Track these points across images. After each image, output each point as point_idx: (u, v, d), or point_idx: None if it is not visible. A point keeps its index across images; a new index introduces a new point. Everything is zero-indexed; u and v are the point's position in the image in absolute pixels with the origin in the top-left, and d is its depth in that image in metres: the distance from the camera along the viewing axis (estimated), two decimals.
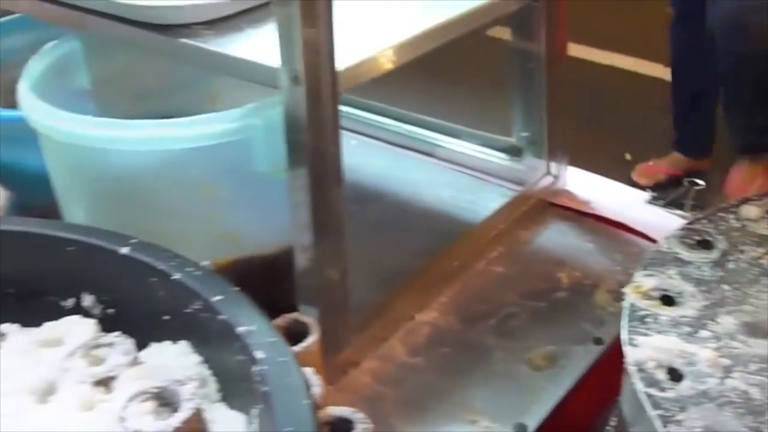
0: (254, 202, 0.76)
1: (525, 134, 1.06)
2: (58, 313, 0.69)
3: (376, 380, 0.83)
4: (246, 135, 0.71)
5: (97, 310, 0.69)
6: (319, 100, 0.69)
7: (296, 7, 0.65)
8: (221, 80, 0.93)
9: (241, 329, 0.59)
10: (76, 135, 0.71)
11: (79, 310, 0.69)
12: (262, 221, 0.77)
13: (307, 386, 0.55)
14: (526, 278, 0.95)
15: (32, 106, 0.76)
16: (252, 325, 0.59)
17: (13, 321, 0.70)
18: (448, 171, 1.14)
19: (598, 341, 0.87)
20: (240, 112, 0.71)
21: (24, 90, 0.78)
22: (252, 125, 0.71)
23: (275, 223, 0.77)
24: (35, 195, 1.03)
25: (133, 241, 0.67)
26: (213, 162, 0.73)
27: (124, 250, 0.66)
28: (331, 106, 0.70)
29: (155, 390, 0.58)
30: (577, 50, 2.36)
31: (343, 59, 0.70)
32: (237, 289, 0.63)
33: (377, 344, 0.86)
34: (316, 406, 0.55)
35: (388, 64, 0.75)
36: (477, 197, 1.08)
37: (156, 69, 0.92)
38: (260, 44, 0.75)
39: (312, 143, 0.70)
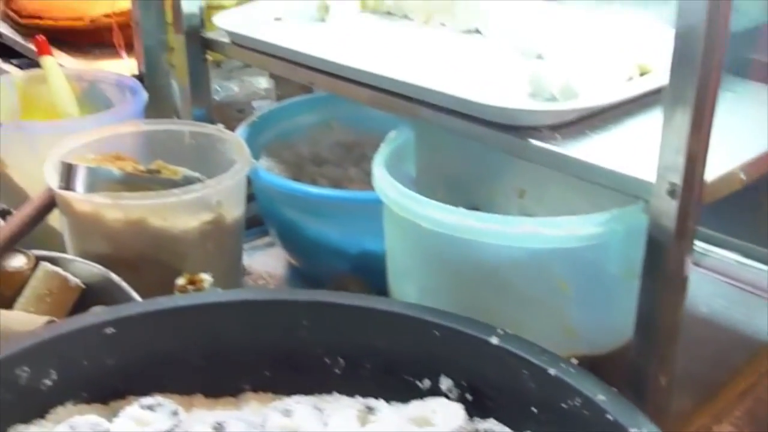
0: (598, 300, 0.78)
1: None
2: (412, 392, 0.73)
3: None
4: (607, 239, 0.74)
5: (454, 394, 0.72)
6: (687, 212, 0.71)
7: (688, 115, 0.67)
8: (529, 175, 0.97)
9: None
10: (447, 225, 0.75)
11: (434, 391, 0.72)
12: (601, 320, 0.79)
13: None
14: None
15: (395, 190, 0.81)
16: (643, 428, 0.61)
17: (367, 396, 0.74)
18: (714, 281, 1.14)
19: None
20: (604, 218, 0.74)
21: (383, 175, 0.84)
22: (614, 230, 0.74)
23: (612, 323, 0.79)
24: (321, 266, 1.09)
25: (500, 331, 0.70)
26: (572, 261, 0.76)
27: (494, 340, 0.69)
28: (695, 219, 0.72)
29: None
30: None
31: (709, 171, 0.72)
32: (615, 389, 0.65)
33: None
34: None
35: (742, 179, 0.76)
36: (752, 311, 1.07)
37: (468, 161, 0.97)
38: (615, 152, 0.78)
39: (674, 252, 0.72)
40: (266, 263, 1.20)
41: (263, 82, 1.35)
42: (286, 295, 0.76)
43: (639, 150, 0.78)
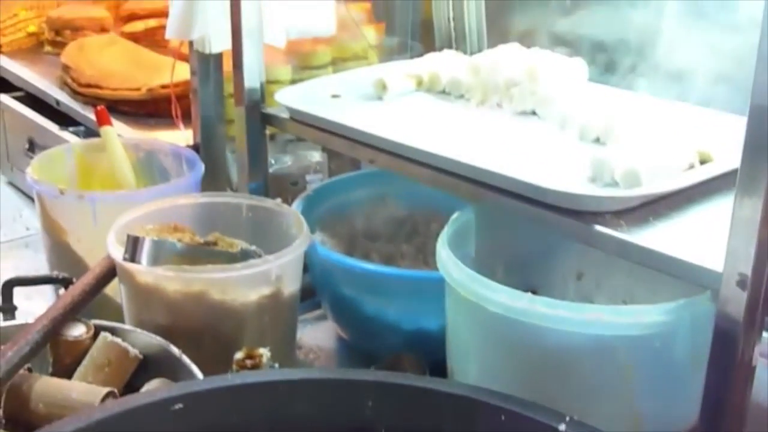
0: (664, 387, 0.78)
1: None
2: None
3: None
4: (673, 328, 0.74)
5: None
6: (757, 303, 0.71)
7: (760, 203, 0.67)
8: (587, 258, 0.97)
9: None
10: (515, 309, 0.75)
11: None
12: (666, 407, 0.79)
13: None
14: None
15: (462, 273, 0.82)
16: None
17: None
18: None
19: None
20: (670, 307, 0.74)
21: (449, 257, 0.84)
22: (680, 319, 0.74)
23: (676, 409, 0.79)
24: (374, 341, 1.10)
25: (568, 418, 0.70)
26: (638, 348, 0.76)
27: (562, 427, 0.69)
28: (764, 309, 0.72)
29: None
30: None
31: None
32: None
33: None
34: None
35: None
36: None
37: (528, 243, 0.98)
38: (680, 240, 0.78)
39: (742, 342, 0.72)
40: (316, 337, 1.20)
41: (316, 156, 1.37)
42: (351, 374, 0.76)
43: (704, 238, 0.78)
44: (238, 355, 0.91)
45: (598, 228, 0.80)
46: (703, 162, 0.90)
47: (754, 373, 0.75)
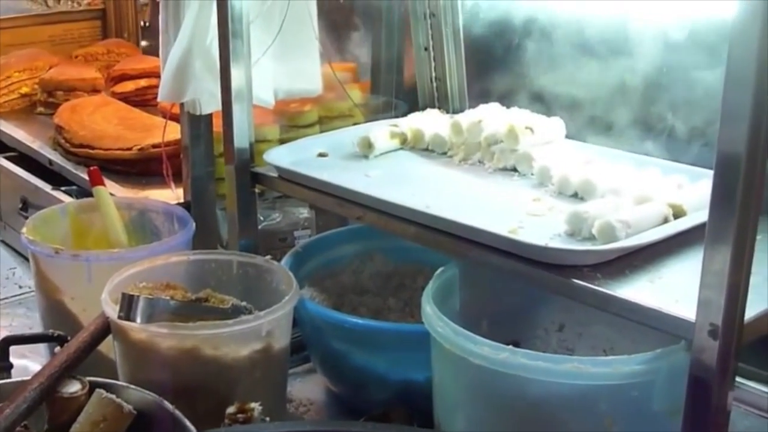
0: None
1: None
2: None
3: None
4: (651, 377, 0.77)
5: None
6: (728, 352, 0.74)
7: (729, 255, 0.70)
8: (568, 310, 1.00)
9: None
10: (498, 361, 0.78)
11: None
12: None
13: None
14: None
15: (446, 327, 0.85)
16: None
17: None
18: (748, 415, 1.16)
19: None
20: (647, 357, 0.78)
21: (434, 311, 0.88)
22: (657, 368, 0.77)
23: None
24: (364, 394, 1.12)
25: None
26: (617, 398, 0.79)
27: None
28: (736, 356, 0.75)
29: None
30: None
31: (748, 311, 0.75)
32: None
33: None
34: None
35: None
36: None
37: (510, 296, 1.01)
38: (655, 291, 0.81)
39: (716, 389, 0.74)
40: (306, 390, 1.23)
41: (304, 212, 1.40)
42: (342, 427, 0.79)
43: (678, 289, 0.81)
44: (230, 409, 0.94)
45: (576, 281, 0.83)
46: (676, 215, 0.94)
47: (729, 419, 0.78)
